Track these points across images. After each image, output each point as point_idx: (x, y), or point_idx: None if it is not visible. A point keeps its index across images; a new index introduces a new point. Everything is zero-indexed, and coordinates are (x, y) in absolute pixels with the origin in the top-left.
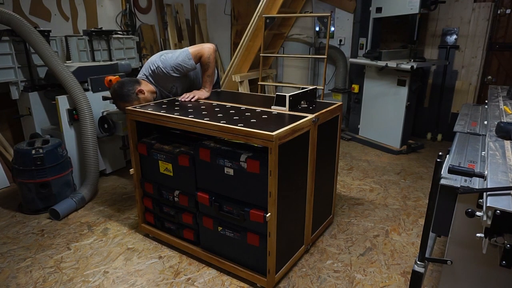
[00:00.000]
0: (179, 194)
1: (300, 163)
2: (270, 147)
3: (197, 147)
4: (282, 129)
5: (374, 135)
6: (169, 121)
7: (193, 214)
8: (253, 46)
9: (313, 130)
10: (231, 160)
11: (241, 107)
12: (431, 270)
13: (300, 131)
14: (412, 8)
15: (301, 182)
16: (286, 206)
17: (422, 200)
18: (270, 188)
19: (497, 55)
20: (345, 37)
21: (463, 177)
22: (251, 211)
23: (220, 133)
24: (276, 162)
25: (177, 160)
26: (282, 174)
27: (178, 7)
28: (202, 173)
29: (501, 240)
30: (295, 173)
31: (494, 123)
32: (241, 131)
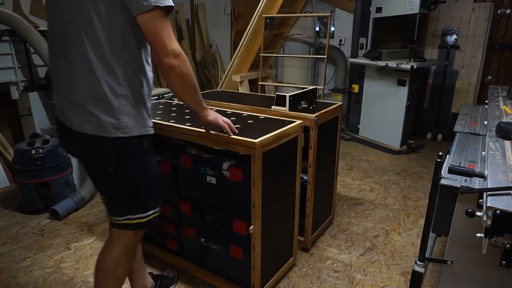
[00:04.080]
0: (162, 202)
1: (288, 171)
2: (253, 155)
3: (178, 153)
4: (267, 135)
5: (374, 135)
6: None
7: (176, 223)
8: (253, 46)
9: (300, 134)
10: (213, 168)
11: (227, 111)
12: (431, 270)
13: (287, 137)
14: (412, 8)
15: (289, 191)
16: (273, 217)
17: (422, 200)
18: (253, 198)
19: (497, 55)
20: (345, 37)
21: (463, 177)
22: (234, 222)
23: (201, 140)
24: (260, 171)
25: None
26: (267, 184)
27: (178, 7)
28: (184, 181)
29: (501, 240)
30: (283, 181)
31: (494, 123)
32: (222, 138)
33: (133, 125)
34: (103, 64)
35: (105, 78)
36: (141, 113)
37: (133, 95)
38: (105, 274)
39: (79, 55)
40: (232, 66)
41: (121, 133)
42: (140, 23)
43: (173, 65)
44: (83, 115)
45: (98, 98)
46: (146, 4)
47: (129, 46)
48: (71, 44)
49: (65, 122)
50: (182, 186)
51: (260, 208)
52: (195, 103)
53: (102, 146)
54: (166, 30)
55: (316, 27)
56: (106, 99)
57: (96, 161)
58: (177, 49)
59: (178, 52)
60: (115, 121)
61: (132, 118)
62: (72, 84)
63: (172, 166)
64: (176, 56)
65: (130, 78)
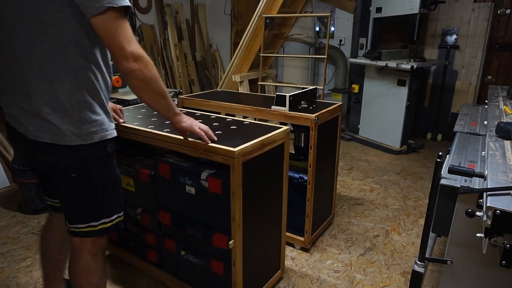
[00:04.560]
0: (141, 211)
1: (273, 181)
2: (232, 165)
3: (156, 161)
4: (248, 143)
5: (374, 135)
6: (125, 131)
7: (157, 234)
8: (253, 46)
9: (286, 141)
10: (191, 177)
11: (211, 116)
12: (431, 270)
13: (272, 144)
14: (412, 8)
15: (275, 202)
16: (256, 230)
17: (422, 200)
18: (233, 211)
19: (497, 55)
20: (345, 37)
21: (463, 177)
22: (214, 235)
23: (178, 147)
24: (240, 182)
25: (138, 175)
26: (249, 195)
27: (178, 7)
28: (163, 190)
29: (501, 240)
30: (267, 192)
31: (494, 123)
32: (200, 146)
33: (94, 131)
34: (57, 70)
35: (60, 84)
36: (102, 117)
37: (91, 100)
38: (80, 286)
39: (29, 61)
40: (232, 66)
41: (81, 140)
42: (94, 26)
43: (133, 69)
44: (39, 123)
45: (54, 105)
46: (99, 5)
47: (84, 50)
48: (21, 49)
49: (18, 129)
50: (161, 196)
51: (240, 221)
52: (164, 109)
53: (62, 155)
54: (123, 31)
55: (316, 27)
56: (62, 106)
57: (56, 170)
58: (137, 51)
59: (138, 55)
60: (75, 129)
61: (93, 124)
62: (23, 91)
63: (151, 174)
64: (137, 59)
65: (88, 83)
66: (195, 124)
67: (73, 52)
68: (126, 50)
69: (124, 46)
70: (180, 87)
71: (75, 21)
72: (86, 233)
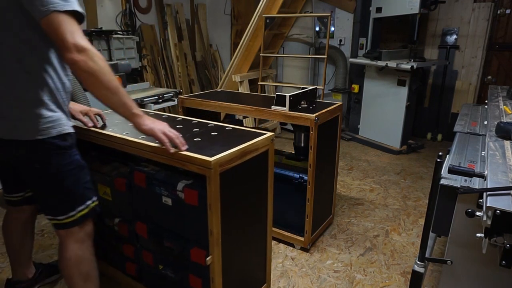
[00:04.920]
0: (119, 222)
1: (257, 192)
2: (208, 175)
3: (132, 170)
4: (226, 152)
5: (374, 135)
6: (98, 137)
7: (134, 246)
8: (253, 46)
9: (271, 148)
10: (167, 188)
11: (193, 121)
12: (431, 270)
13: (254, 152)
14: (412, 8)
15: (259, 214)
16: (237, 245)
17: (422, 200)
18: (210, 225)
19: (497, 55)
20: (345, 37)
21: (463, 177)
22: (192, 250)
23: (152, 155)
24: (217, 194)
25: (114, 184)
26: (228, 208)
27: (178, 7)
28: (139, 200)
29: (501, 240)
30: (250, 204)
31: (494, 123)
32: (174, 155)
33: (50, 126)
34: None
35: (17, 84)
36: (58, 113)
37: (47, 99)
38: (70, 276)
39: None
40: (232, 66)
41: (40, 135)
42: (44, 28)
43: (76, 59)
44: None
45: (12, 104)
46: (45, 9)
47: (39, 52)
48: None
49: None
50: (137, 206)
51: (219, 236)
52: (118, 107)
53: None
54: (67, 26)
55: (316, 27)
56: (20, 105)
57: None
58: (81, 43)
59: (81, 46)
60: (32, 125)
61: (49, 120)
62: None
63: (127, 183)
64: (80, 50)
65: (43, 83)
66: (158, 128)
67: (29, 54)
68: (69, 41)
69: (66, 38)
70: (180, 87)
71: (29, 26)
72: (67, 224)
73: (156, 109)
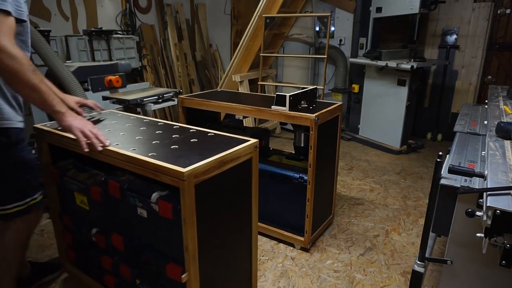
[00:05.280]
0: (96, 232)
1: (239, 203)
2: (182, 187)
3: (106, 178)
4: (202, 162)
5: (374, 135)
6: (71, 143)
7: (112, 258)
8: (253, 46)
9: (255, 156)
10: (141, 199)
11: (174, 126)
12: (431, 270)
13: (235, 161)
14: (412, 8)
15: (242, 227)
16: (217, 261)
17: (422, 200)
18: (186, 241)
19: (497, 55)
20: (345, 37)
21: (463, 177)
22: (168, 266)
23: (125, 164)
24: (193, 207)
25: (90, 193)
26: (205, 221)
27: (178, 7)
28: (115, 211)
29: (501, 240)
30: (231, 216)
31: (494, 123)
32: (149, 165)
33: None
34: None
35: None
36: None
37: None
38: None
39: None
40: (232, 66)
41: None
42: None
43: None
44: None
45: None
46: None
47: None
48: None
49: None
50: (113, 217)
51: (196, 252)
52: (40, 104)
53: None
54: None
55: (316, 27)
56: None
57: None
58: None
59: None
60: None
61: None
62: None
63: (102, 192)
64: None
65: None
66: (76, 126)
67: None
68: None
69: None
70: (180, 87)
71: None
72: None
73: (156, 109)
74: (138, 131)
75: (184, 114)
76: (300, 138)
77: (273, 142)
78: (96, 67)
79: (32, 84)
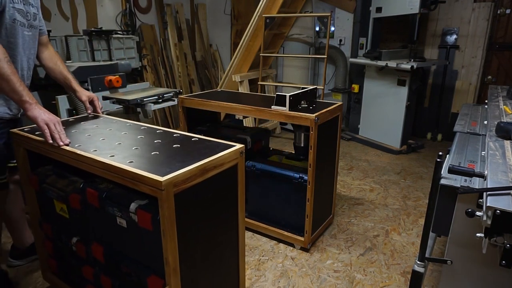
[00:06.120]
0: (77, 242)
1: (224, 213)
2: (160, 197)
3: (84, 186)
4: (183, 170)
5: (374, 135)
6: (48, 149)
7: (93, 268)
8: (253, 46)
9: (240, 162)
10: (120, 208)
11: (158, 130)
12: (431, 270)
13: (218, 168)
14: (412, 8)
15: (227, 238)
16: (201, 273)
17: (422, 200)
18: (165, 253)
19: (497, 55)
20: (345, 37)
21: (463, 177)
22: (149, 278)
23: (104, 173)
24: (172, 218)
25: (69, 200)
26: (187, 233)
27: (178, 7)
28: (94, 220)
29: (501, 240)
30: (215, 226)
31: (494, 123)
32: (126, 173)
33: None
34: None
35: None
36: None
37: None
38: None
39: None
40: (232, 66)
41: None
42: None
43: None
44: None
45: None
46: None
47: None
48: None
49: None
50: (93, 226)
51: (176, 264)
52: (9, 92)
53: None
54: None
55: (316, 27)
56: None
57: None
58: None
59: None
60: None
61: None
62: None
63: (81, 200)
64: None
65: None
66: (42, 118)
67: None
68: None
69: None
70: (180, 87)
71: None
72: None
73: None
74: (119, 135)
75: (184, 114)
76: (300, 138)
77: (273, 142)
78: (96, 67)
79: (3, 73)
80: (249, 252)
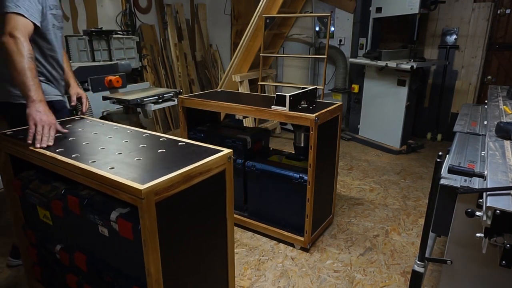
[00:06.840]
0: (60, 249)
1: (211, 219)
2: (140, 206)
3: (65, 192)
4: (165, 177)
5: (374, 135)
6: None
7: (77, 276)
8: (253, 46)
9: (228, 167)
10: (101, 216)
11: (144, 134)
12: (431, 270)
13: (204, 175)
14: (412, 8)
15: (214, 248)
16: (186, 285)
17: (422, 200)
18: (147, 264)
19: (497, 55)
20: (345, 37)
21: (463, 177)
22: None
23: (83, 179)
24: (154, 227)
25: (52, 207)
26: (170, 243)
27: (178, 7)
28: (76, 228)
29: (501, 240)
30: (202, 235)
31: (494, 123)
32: (106, 180)
33: None
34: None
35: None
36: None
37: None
38: None
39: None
40: (232, 66)
41: None
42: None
43: (4, 41)
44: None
45: None
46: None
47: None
48: None
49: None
50: (75, 234)
51: (159, 276)
52: (19, 85)
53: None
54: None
55: (316, 27)
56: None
57: None
58: (13, 32)
59: (13, 34)
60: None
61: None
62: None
63: (63, 207)
64: (11, 36)
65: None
66: (35, 116)
67: None
68: (6, 29)
69: (6, 27)
70: (180, 87)
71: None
72: None
73: (156, 109)
74: (104, 140)
75: (184, 114)
76: (300, 138)
77: (273, 142)
78: (96, 67)
79: (21, 67)
80: (249, 252)
